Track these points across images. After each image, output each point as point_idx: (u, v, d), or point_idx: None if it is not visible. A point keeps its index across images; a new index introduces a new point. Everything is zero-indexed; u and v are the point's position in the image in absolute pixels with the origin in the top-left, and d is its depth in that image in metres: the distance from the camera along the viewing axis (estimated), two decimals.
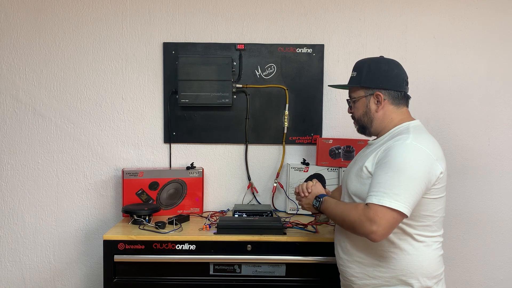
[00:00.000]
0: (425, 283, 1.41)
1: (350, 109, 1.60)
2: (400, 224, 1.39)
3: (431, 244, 1.43)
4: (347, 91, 1.64)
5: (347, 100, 1.62)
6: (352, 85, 1.56)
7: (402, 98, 1.51)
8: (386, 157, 1.36)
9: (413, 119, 1.51)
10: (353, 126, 2.20)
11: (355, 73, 1.55)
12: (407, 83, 1.54)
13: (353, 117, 1.60)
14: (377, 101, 1.50)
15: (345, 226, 1.42)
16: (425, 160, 1.35)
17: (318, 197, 1.57)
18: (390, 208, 1.28)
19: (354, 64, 1.59)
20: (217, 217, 2.08)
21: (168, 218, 2.00)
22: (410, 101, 1.56)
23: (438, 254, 1.46)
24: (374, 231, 1.29)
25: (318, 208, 1.56)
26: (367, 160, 1.44)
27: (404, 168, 1.32)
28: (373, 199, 1.31)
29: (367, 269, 1.46)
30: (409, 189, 1.30)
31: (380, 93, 1.49)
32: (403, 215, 1.30)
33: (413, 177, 1.31)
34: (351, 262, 1.50)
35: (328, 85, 1.86)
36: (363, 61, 1.56)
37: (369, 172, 1.41)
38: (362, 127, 1.57)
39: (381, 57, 1.56)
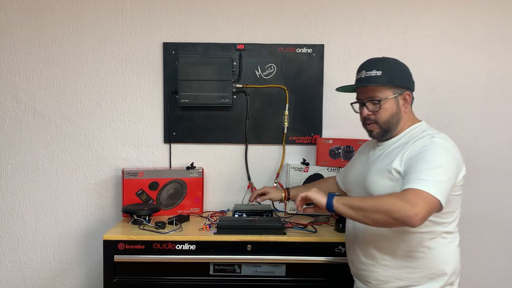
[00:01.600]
0: (450, 279, 1.42)
1: (368, 110, 1.48)
2: (428, 222, 1.36)
3: (453, 240, 1.45)
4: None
5: (363, 102, 1.50)
6: (383, 84, 1.45)
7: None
8: (420, 154, 1.35)
9: (419, 120, 1.52)
10: (353, 126, 2.19)
11: (378, 72, 1.45)
12: None
13: (372, 120, 1.49)
14: (404, 101, 1.47)
15: (376, 217, 1.28)
16: (456, 159, 1.36)
17: (330, 196, 1.38)
18: (430, 194, 1.25)
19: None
20: (217, 217, 2.08)
21: (168, 218, 2.00)
22: None
23: (459, 251, 1.47)
24: (416, 213, 1.21)
25: (331, 206, 1.36)
26: (394, 161, 1.40)
27: (440, 163, 1.31)
28: (412, 185, 1.27)
29: (394, 271, 1.44)
30: (445, 181, 1.29)
31: (409, 93, 1.48)
32: (439, 205, 1.27)
33: (448, 172, 1.31)
34: (376, 266, 1.47)
35: (347, 86, 1.58)
36: (383, 60, 1.50)
37: (398, 172, 1.38)
38: (386, 130, 1.48)
39: (384, 57, 1.54)
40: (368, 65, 1.49)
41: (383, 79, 1.45)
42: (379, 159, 1.50)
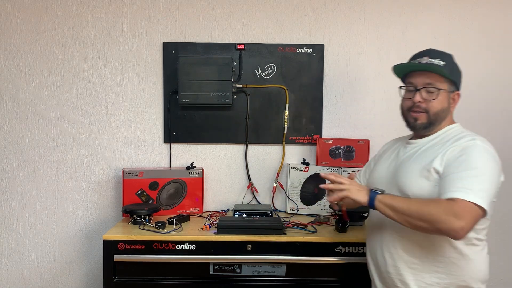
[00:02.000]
0: (480, 287, 1.39)
1: (421, 98, 1.42)
2: None
3: (484, 247, 1.41)
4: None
5: (417, 88, 1.42)
6: (445, 76, 1.40)
7: None
8: (463, 156, 1.31)
9: (455, 122, 1.49)
10: (353, 126, 2.18)
11: (442, 63, 1.41)
12: None
13: (422, 108, 1.42)
14: (453, 100, 1.45)
15: (419, 224, 1.25)
16: (498, 165, 1.34)
17: (372, 194, 1.34)
18: (477, 204, 1.22)
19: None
20: (217, 217, 2.08)
21: (168, 218, 2.00)
22: None
23: (488, 258, 1.43)
24: (462, 227, 1.19)
25: (373, 202, 1.33)
26: (434, 161, 1.36)
27: (485, 170, 1.28)
28: (458, 194, 1.23)
29: (424, 275, 1.39)
30: (489, 189, 1.27)
31: (459, 93, 1.45)
32: (483, 214, 1.25)
33: (492, 180, 1.29)
34: (403, 269, 1.42)
35: (407, 63, 1.49)
36: (446, 53, 1.45)
37: (437, 172, 1.34)
38: (431, 123, 1.43)
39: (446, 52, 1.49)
40: (432, 53, 1.45)
41: (445, 71, 1.40)
42: (413, 157, 1.44)
